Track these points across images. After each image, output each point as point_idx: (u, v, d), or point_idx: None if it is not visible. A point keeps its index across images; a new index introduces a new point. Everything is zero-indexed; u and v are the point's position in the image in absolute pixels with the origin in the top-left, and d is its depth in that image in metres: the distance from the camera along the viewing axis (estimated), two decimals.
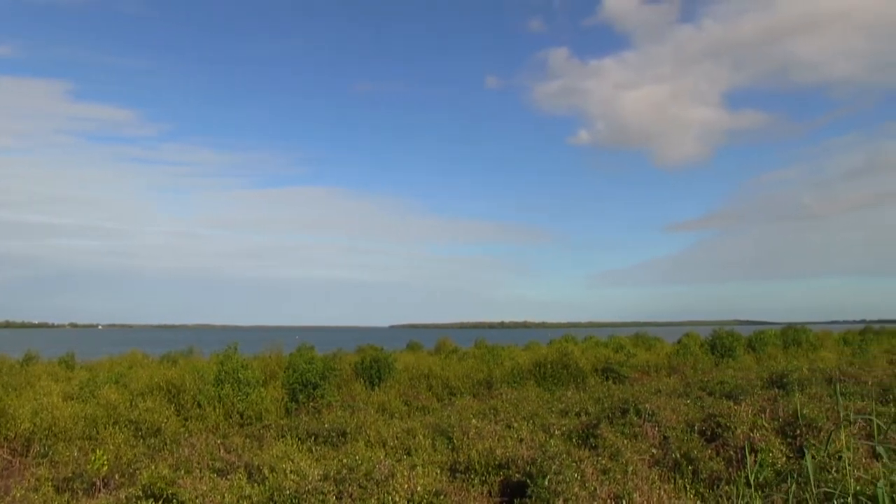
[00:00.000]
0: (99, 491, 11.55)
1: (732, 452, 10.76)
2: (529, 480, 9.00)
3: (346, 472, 9.18)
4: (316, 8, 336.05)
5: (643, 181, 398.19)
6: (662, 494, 8.55)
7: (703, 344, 36.50)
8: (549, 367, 26.99)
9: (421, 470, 9.46)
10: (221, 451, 12.55)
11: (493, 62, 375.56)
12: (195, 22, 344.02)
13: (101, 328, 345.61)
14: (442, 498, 8.65)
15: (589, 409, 15.26)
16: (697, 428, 12.14)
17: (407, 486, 8.63)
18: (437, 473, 9.64)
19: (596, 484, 8.79)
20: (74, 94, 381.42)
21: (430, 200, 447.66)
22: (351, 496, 8.55)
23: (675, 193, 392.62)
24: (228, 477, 9.80)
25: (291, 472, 9.32)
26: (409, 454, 11.62)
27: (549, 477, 8.69)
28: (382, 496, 8.40)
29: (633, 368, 28.71)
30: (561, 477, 8.69)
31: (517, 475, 9.71)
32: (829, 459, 8.92)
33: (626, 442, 11.48)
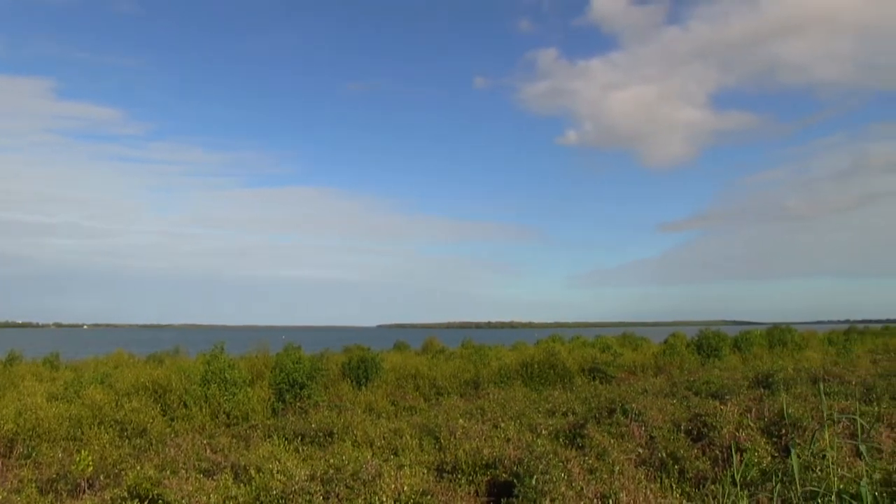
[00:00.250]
0: (83, 492, 11.47)
1: (718, 452, 10.80)
2: (516, 480, 9.01)
3: (333, 472, 9.17)
4: (306, 7, 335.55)
5: (631, 181, 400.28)
6: (649, 494, 8.58)
7: (689, 344, 36.63)
8: (536, 367, 27.02)
9: (408, 470, 9.46)
10: (208, 451, 12.50)
11: (481, 62, 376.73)
12: (182, 20, 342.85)
13: (86, 328, 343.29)
14: (429, 498, 8.65)
15: (576, 408, 15.31)
16: (684, 427, 12.19)
17: (394, 486, 8.62)
18: (424, 473, 9.64)
19: (583, 483, 8.81)
20: (59, 92, 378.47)
21: (417, 200, 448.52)
22: (338, 496, 8.53)
23: (662, 194, 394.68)
24: (215, 477, 9.75)
25: (278, 472, 9.29)
26: (396, 454, 11.61)
27: (535, 477, 8.70)
28: (369, 496, 8.38)
29: (619, 368, 28.78)
30: (548, 477, 8.70)
31: (504, 475, 9.72)
32: (813, 458, 8.98)
33: (612, 442, 11.51)
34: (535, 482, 8.58)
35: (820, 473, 8.06)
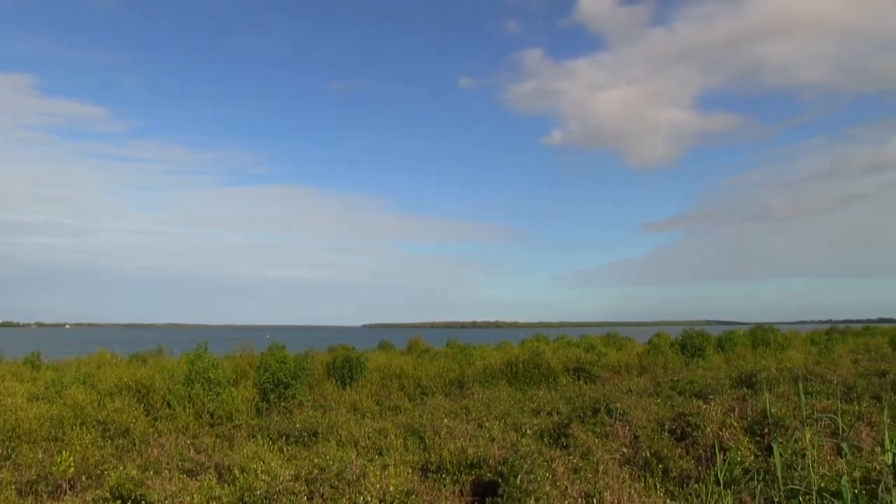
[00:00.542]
0: (65, 493, 11.35)
1: (702, 451, 10.86)
2: (501, 480, 9.02)
3: (317, 472, 9.15)
4: (290, 6, 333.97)
5: (615, 182, 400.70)
6: (633, 493, 8.61)
7: (673, 344, 36.83)
8: (520, 366, 27.07)
9: (393, 470, 9.45)
10: (191, 451, 12.43)
11: (467, 62, 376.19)
12: (165, 17, 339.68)
13: (68, 327, 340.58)
14: (413, 497, 8.64)
15: (560, 408, 15.34)
16: (667, 427, 12.24)
17: (378, 485, 8.62)
18: (408, 473, 9.63)
19: (567, 483, 8.83)
20: (41, 88, 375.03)
21: (402, 200, 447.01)
22: (322, 496, 8.51)
23: (646, 194, 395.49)
24: (198, 477, 9.71)
25: (262, 472, 9.27)
26: (380, 454, 11.60)
27: (520, 476, 8.71)
28: (354, 496, 8.37)
29: (604, 368, 28.88)
30: (532, 476, 8.71)
31: (489, 474, 9.73)
32: (795, 457, 9.05)
33: (597, 441, 11.55)
34: (519, 482, 8.59)
35: (801, 472, 8.12)
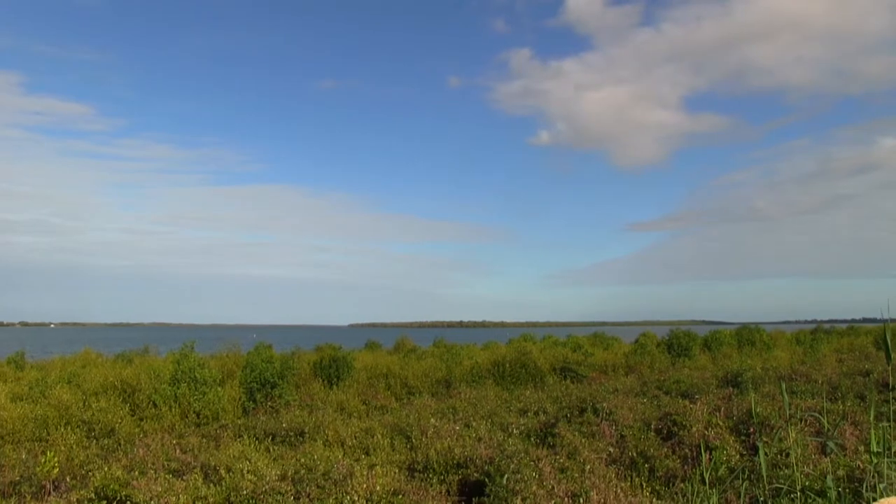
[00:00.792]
0: (49, 494, 11.28)
1: (688, 450, 10.90)
2: (488, 479, 9.03)
3: (304, 471, 9.13)
4: (277, 5, 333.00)
5: (603, 182, 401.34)
6: (619, 492, 8.63)
7: (659, 344, 36.98)
8: (507, 366, 27.11)
9: (379, 469, 9.43)
10: (177, 451, 12.37)
11: (455, 62, 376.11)
12: (151, 15, 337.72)
13: (53, 327, 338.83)
14: (400, 497, 8.64)
15: (547, 408, 15.36)
16: (654, 427, 12.28)
17: (365, 485, 8.60)
18: (395, 473, 9.61)
19: (553, 482, 8.84)
20: (26, 86, 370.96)
21: (390, 199, 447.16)
22: (309, 496, 8.49)
23: (634, 194, 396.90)
24: (184, 477, 9.65)
25: (248, 472, 9.22)
26: (367, 454, 11.58)
27: (507, 476, 8.73)
28: (340, 496, 8.35)
29: (590, 368, 28.96)
30: (519, 476, 8.72)
31: (475, 474, 9.73)
32: (780, 456, 9.11)
33: (583, 441, 11.57)
34: (506, 481, 8.60)
35: (787, 471, 8.17)
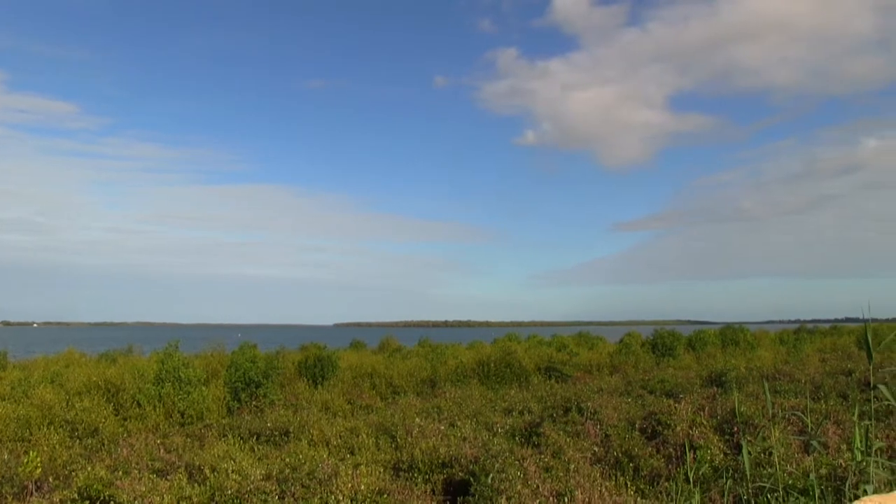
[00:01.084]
0: (31, 494, 11.17)
1: (672, 450, 10.97)
2: (472, 479, 9.05)
3: (288, 471, 9.10)
4: (266, 4, 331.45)
5: (589, 182, 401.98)
6: (604, 491, 8.66)
7: (644, 343, 37.08)
8: (492, 365, 27.14)
9: (364, 469, 9.43)
10: (161, 451, 12.31)
11: (442, 62, 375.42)
12: (138, 13, 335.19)
13: (36, 326, 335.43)
14: (385, 497, 8.64)
15: (532, 407, 15.41)
16: (638, 426, 12.34)
17: (350, 485, 8.59)
18: (380, 472, 9.61)
19: (538, 482, 8.86)
20: (10, 84, 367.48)
21: (376, 199, 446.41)
22: (293, 496, 8.47)
23: (619, 194, 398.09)
24: (168, 477, 9.60)
25: (233, 471, 9.19)
26: (352, 453, 11.57)
27: (491, 475, 8.74)
28: (325, 495, 8.34)
29: (575, 367, 29.04)
30: (504, 475, 8.74)
31: (460, 473, 9.75)
32: (764, 455, 9.18)
33: (568, 440, 11.61)
34: (491, 480, 8.62)
35: (770, 469, 8.24)
